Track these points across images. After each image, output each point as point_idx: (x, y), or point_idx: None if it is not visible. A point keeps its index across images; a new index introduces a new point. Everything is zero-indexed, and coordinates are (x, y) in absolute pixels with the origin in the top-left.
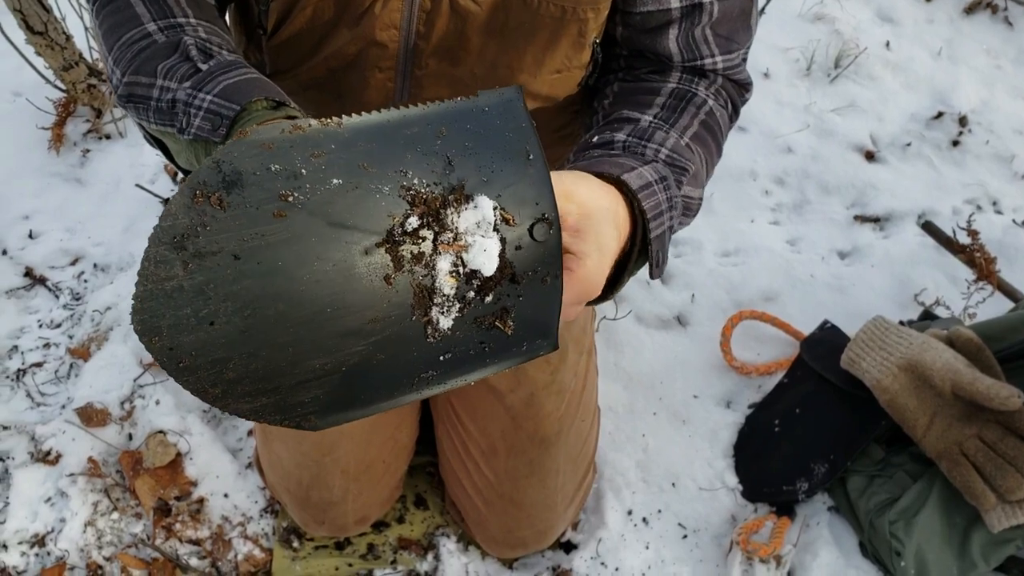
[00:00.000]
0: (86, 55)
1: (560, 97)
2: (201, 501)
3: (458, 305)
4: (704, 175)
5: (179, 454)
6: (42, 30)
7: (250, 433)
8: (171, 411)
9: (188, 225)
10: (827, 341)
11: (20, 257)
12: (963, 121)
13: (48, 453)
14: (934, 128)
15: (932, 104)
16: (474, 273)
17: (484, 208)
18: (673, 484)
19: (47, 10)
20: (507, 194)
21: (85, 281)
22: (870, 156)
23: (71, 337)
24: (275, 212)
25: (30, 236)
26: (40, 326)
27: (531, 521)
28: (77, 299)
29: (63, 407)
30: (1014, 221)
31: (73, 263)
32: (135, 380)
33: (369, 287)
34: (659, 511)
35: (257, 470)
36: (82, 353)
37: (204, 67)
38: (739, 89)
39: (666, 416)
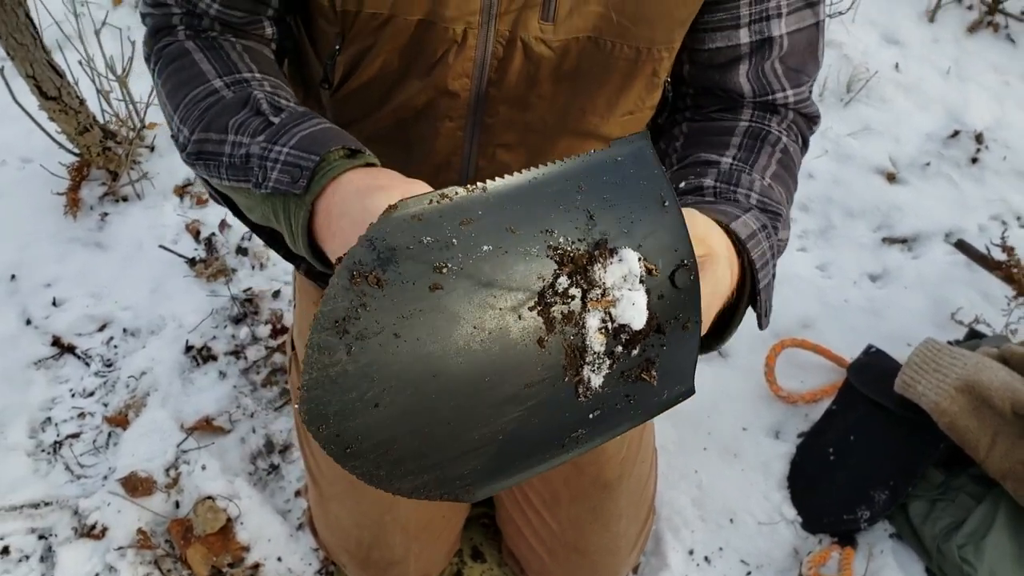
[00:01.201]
0: (99, 117)
1: None
2: (256, 567)
3: (608, 361)
4: (788, 215)
5: (229, 519)
6: (55, 95)
7: (297, 494)
8: (218, 475)
9: (348, 307)
10: (874, 365)
11: (45, 326)
12: (979, 138)
13: (93, 527)
14: (951, 146)
15: (947, 123)
16: (623, 328)
17: (629, 261)
18: (731, 520)
19: (60, 75)
20: (647, 243)
21: (115, 347)
22: (891, 178)
23: (106, 405)
24: (431, 285)
25: (54, 304)
26: (72, 395)
27: (595, 568)
28: (109, 366)
29: (105, 478)
30: None
31: (101, 329)
32: (178, 446)
33: (524, 352)
34: (720, 549)
35: (310, 531)
36: (120, 421)
37: (276, 120)
38: (808, 122)
39: (716, 451)
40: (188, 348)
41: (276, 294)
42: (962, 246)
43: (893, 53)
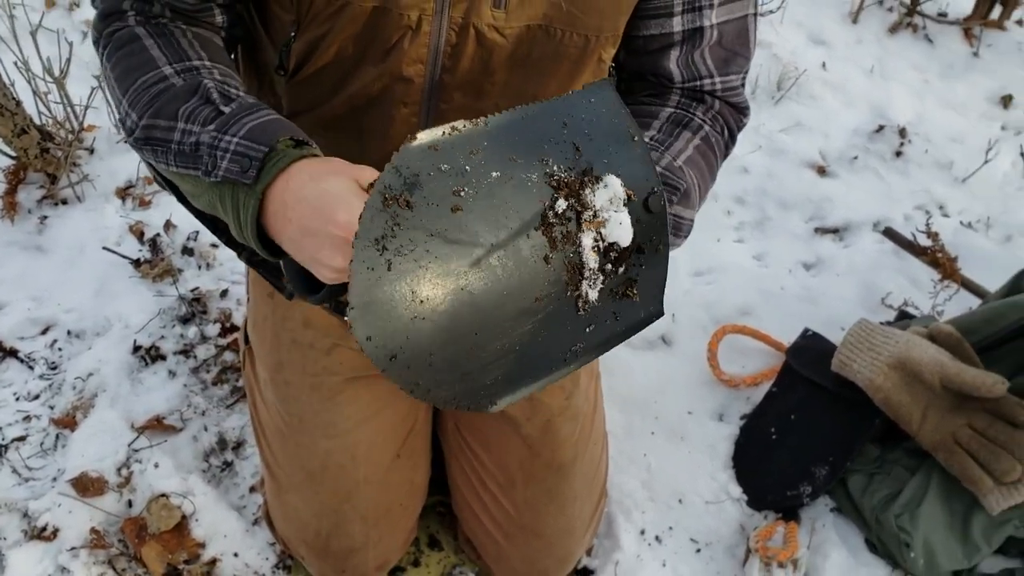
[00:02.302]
0: (36, 120)
1: None
2: (213, 562)
3: (601, 277)
4: (696, 198)
5: (184, 516)
6: None
7: (252, 489)
8: (171, 473)
9: (384, 226)
10: (812, 348)
11: None
12: (903, 133)
13: (44, 528)
14: (877, 141)
15: (872, 119)
16: (612, 246)
17: (614, 186)
18: (680, 500)
19: None
20: (624, 172)
21: (60, 349)
22: (822, 171)
23: (52, 407)
24: (452, 207)
25: None
26: (17, 399)
27: (552, 550)
28: (53, 368)
29: (54, 479)
30: (961, 223)
31: (44, 332)
32: (129, 445)
33: (534, 268)
34: (670, 528)
35: (267, 525)
36: (68, 422)
37: (227, 109)
38: (736, 114)
39: (664, 434)
40: (136, 348)
41: (224, 293)
42: (890, 234)
43: (820, 53)
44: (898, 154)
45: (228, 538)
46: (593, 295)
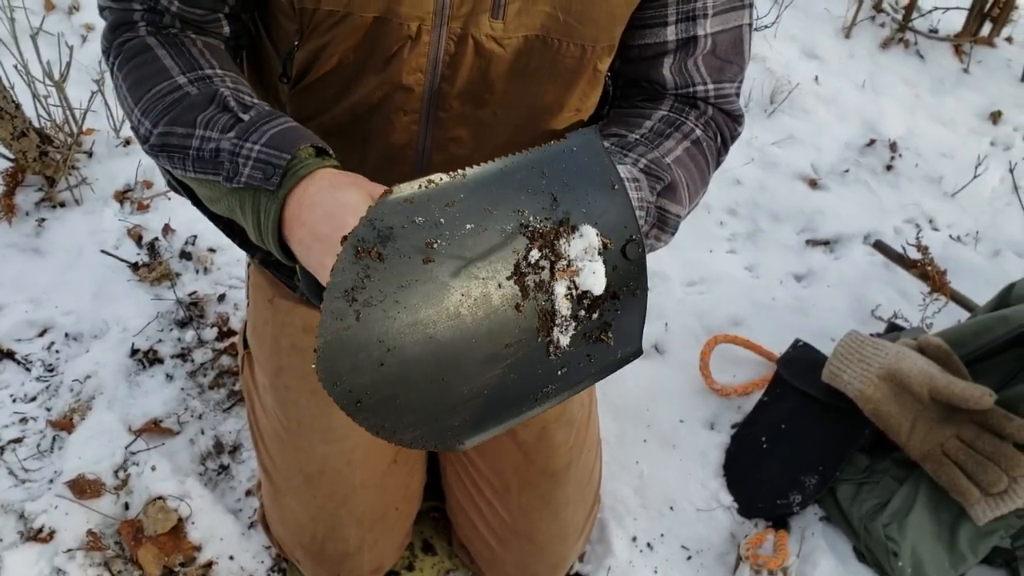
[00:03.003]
0: (35, 123)
1: None
2: (209, 565)
3: (573, 323)
4: (685, 195)
5: (180, 519)
6: None
7: (249, 493)
8: (168, 476)
9: (355, 278)
10: (803, 358)
11: None
12: (894, 147)
13: (40, 531)
14: (868, 155)
15: (863, 133)
16: (585, 294)
17: (589, 236)
18: (671, 508)
19: None
20: (602, 221)
21: (57, 352)
22: (813, 184)
23: (49, 410)
24: (424, 259)
25: None
26: (14, 401)
27: (544, 556)
28: (51, 370)
29: (51, 481)
30: (950, 236)
31: (41, 334)
32: (126, 448)
33: (504, 316)
34: (662, 535)
35: (263, 528)
36: (65, 425)
37: (245, 117)
38: (730, 121)
39: (656, 442)
40: (133, 351)
41: (221, 298)
42: (880, 247)
43: (813, 67)
44: (889, 168)
45: (224, 541)
46: (565, 340)
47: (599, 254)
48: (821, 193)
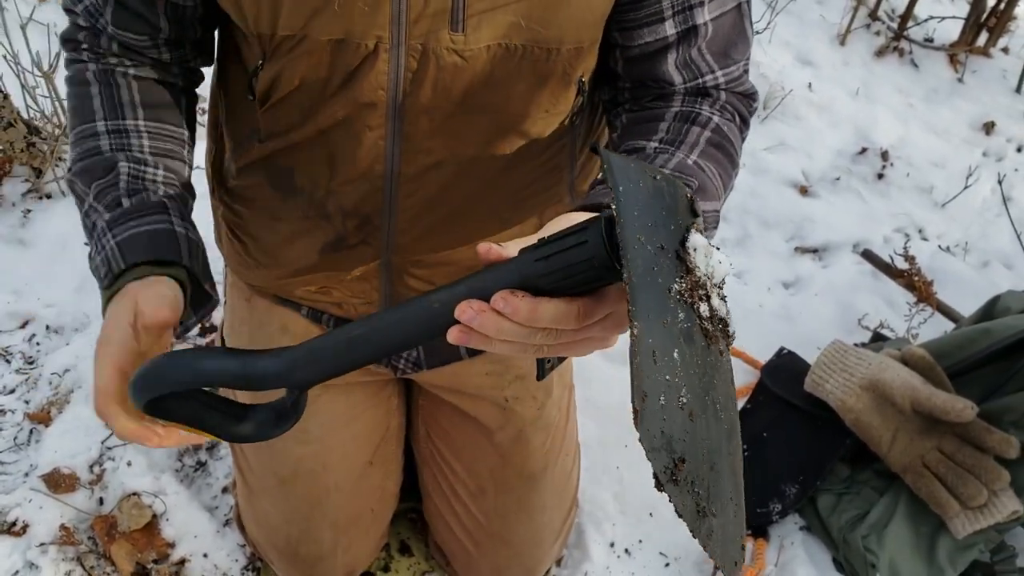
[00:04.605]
0: (23, 113)
1: (546, 134)
2: (181, 563)
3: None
4: (717, 188)
5: (155, 516)
6: None
7: (225, 490)
8: (144, 472)
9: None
10: (786, 367)
11: None
12: (885, 156)
13: (14, 524)
14: (859, 163)
15: (855, 140)
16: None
17: (695, 240)
18: (650, 514)
19: None
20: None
21: (38, 344)
22: (804, 191)
23: (27, 402)
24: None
25: None
26: None
27: (520, 559)
28: (31, 363)
29: (26, 475)
30: (939, 247)
31: (23, 326)
32: (103, 442)
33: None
34: (640, 541)
35: (238, 527)
36: (42, 418)
37: (125, 204)
38: (744, 100)
39: (638, 447)
40: None
41: None
42: (868, 256)
43: (807, 74)
44: (880, 176)
45: (198, 539)
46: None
47: (712, 246)
48: (811, 200)
